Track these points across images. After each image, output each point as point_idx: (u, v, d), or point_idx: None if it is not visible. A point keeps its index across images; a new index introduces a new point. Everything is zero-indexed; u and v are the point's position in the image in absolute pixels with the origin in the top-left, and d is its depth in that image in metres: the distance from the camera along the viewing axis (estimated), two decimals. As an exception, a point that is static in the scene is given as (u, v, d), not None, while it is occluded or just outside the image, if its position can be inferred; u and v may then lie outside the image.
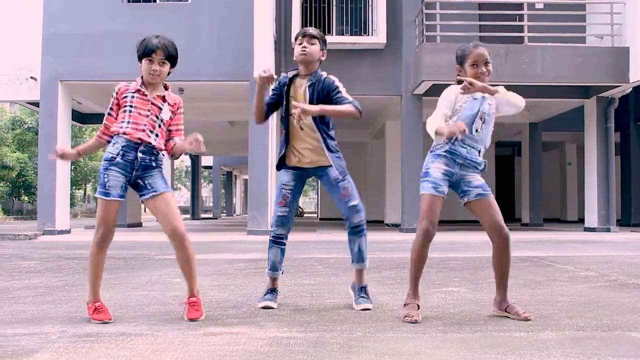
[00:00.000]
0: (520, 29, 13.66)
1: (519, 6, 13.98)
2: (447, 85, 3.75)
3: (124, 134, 3.61)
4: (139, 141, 3.62)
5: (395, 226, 16.84)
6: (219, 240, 11.57)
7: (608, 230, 14.37)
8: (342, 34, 14.57)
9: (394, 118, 17.12)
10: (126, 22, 13.62)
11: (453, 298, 4.52)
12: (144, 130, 3.64)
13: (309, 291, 4.87)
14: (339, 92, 4.05)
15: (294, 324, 3.53)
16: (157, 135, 3.70)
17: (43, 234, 13.12)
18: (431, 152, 3.80)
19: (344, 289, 4.94)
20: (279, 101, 4.19)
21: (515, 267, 6.45)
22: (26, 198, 34.12)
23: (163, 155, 3.79)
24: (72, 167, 31.69)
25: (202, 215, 33.87)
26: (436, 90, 13.12)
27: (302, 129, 4.08)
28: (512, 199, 26.43)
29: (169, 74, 3.79)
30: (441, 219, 3.77)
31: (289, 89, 4.14)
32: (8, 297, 4.61)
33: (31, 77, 14.03)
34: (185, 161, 53.48)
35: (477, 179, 3.74)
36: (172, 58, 3.74)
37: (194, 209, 30.03)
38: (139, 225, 19.58)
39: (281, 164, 4.20)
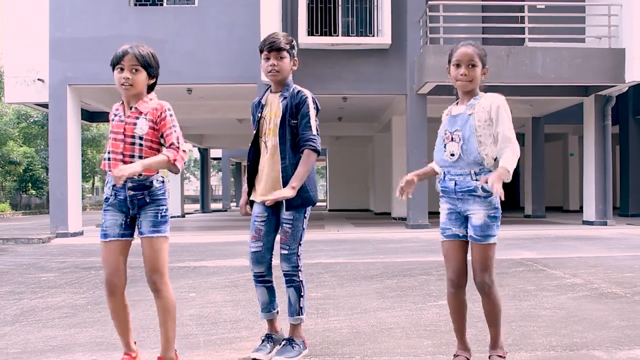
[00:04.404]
0: (521, 30, 13.97)
1: (521, 8, 14.25)
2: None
3: (109, 170, 3.19)
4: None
5: (402, 220, 17.20)
6: (229, 241, 11.78)
7: (605, 223, 14.82)
8: (348, 35, 14.79)
9: (400, 114, 17.49)
10: (133, 26, 13.82)
11: (446, 313, 4.83)
12: (122, 161, 3.15)
13: (315, 307, 5.22)
14: (306, 120, 3.62)
15: (300, 348, 3.90)
16: (140, 158, 3.15)
17: (56, 237, 13.30)
18: None
19: (348, 303, 5.34)
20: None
21: (509, 274, 6.85)
22: (34, 192, 34.29)
23: (161, 181, 3.26)
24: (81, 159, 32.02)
25: (212, 206, 34.19)
26: (440, 90, 13.51)
27: (266, 147, 3.74)
28: (517, 189, 27.00)
29: (152, 87, 3.34)
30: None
31: (264, 108, 3.79)
32: (36, 319, 4.93)
33: (38, 79, 14.13)
34: (193, 151, 53.72)
35: (478, 218, 3.20)
36: (147, 65, 3.22)
37: (203, 202, 30.39)
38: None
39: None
